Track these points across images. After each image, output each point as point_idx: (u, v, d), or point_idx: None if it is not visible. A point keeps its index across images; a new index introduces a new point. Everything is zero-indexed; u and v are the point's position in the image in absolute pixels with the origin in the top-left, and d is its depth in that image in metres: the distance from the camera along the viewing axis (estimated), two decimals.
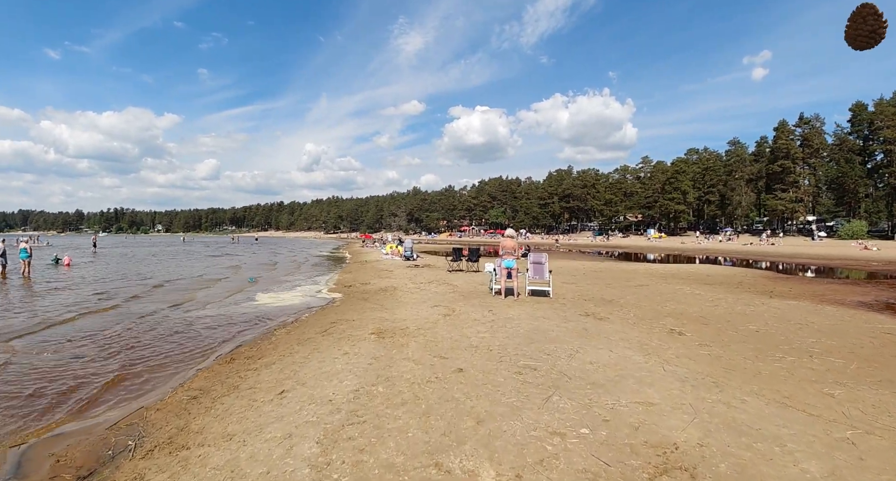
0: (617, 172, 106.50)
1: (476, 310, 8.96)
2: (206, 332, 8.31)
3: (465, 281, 14.27)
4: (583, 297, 11.00)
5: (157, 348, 7.24)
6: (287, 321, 9.02)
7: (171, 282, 16.68)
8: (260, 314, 10.07)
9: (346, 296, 12.19)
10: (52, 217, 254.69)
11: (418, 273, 17.15)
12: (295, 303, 11.36)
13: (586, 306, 9.65)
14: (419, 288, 12.53)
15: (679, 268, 21.81)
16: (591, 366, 5.22)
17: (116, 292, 13.59)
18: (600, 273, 18.13)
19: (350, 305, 10.35)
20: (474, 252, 17.68)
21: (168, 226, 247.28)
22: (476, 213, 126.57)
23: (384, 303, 10.10)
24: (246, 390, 4.92)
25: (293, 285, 15.58)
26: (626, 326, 7.65)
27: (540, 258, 11.63)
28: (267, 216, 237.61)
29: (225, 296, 12.87)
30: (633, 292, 12.26)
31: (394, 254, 27.34)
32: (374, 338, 6.69)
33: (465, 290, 12.00)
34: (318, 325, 8.13)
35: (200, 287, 15.22)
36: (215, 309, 10.72)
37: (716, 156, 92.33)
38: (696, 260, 33.02)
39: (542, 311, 8.81)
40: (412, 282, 14.04)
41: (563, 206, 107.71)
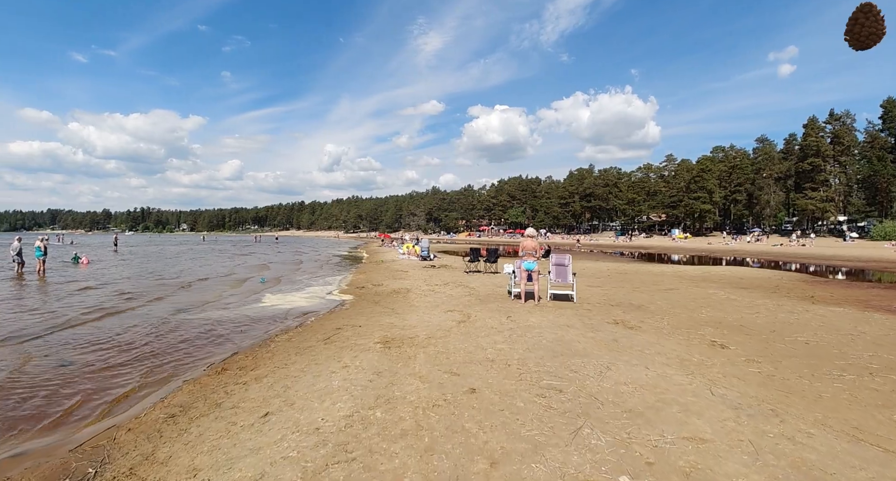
0: (640, 171, 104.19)
1: (493, 315, 8.25)
2: (204, 337, 7.79)
3: (482, 283, 13.56)
4: (609, 302, 10.18)
5: (146, 355, 6.73)
6: (290, 326, 8.45)
7: (182, 281, 16.39)
8: (264, 317, 9.53)
9: (357, 298, 11.60)
10: (80, 216, 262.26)
11: (434, 274, 16.50)
12: (303, 306, 10.81)
13: (614, 312, 8.85)
14: (433, 290, 11.87)
15: (709, 270, 20.67)
16: (625, 388, 4.46)
17: (124, 292, 13.28)
18: (626, 275, 17.20)
19: (359, 309, 9.74)
20: (492, 252, 16.95)
21: (193, 225, 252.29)
22: (495, 213, 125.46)
23: (395, 307, 9.46)
24: (228, 409, 4.31)
25: (305, 285, 15.09)
26: (660, 337, 6.85)
27: (563, 260, 10.85)
28: (288, 216, 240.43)
29: (231, 297, 12.41)
30: (663, 297, 11.38)
31: (410, 254, 26.75)
32: (379, 347, 6.04)
33: (482, 293, 11.29)
34: (321, 331, 7.53)
35: (208, 286, 14.84)
36: (219, 311, 10.24)
37: (743, 154, 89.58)
38: (724, 261, 31.63)
39: (566, 318, 8.05)
40: (427, 283, 13.39)
41: (585, 206, 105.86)
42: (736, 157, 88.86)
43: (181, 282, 16.10)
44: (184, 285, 15.05)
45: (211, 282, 16.41)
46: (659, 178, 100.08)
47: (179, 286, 14.85)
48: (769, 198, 79.35)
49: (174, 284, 15.30)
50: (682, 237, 76.26)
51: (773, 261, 32.53)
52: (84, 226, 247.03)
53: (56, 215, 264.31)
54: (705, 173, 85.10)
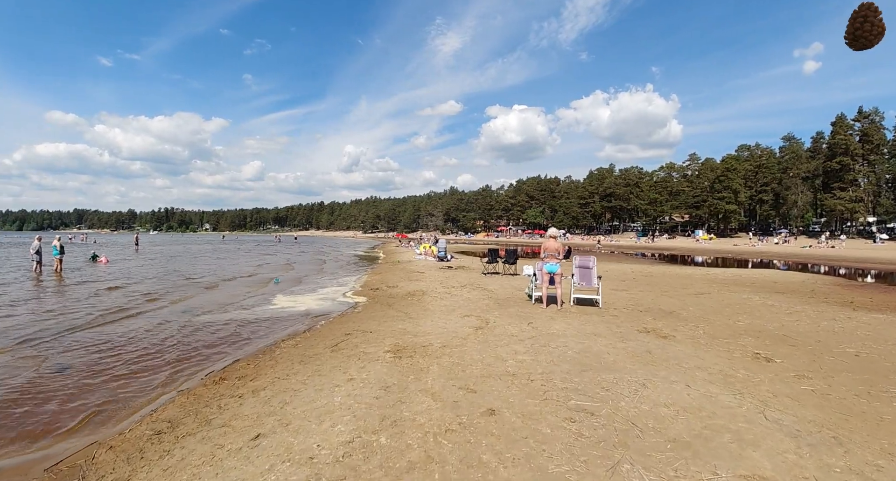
0: (662, 170, 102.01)
1: (513, 322, 7.70)
2: (206, 341, 7.42)
3: (501, 285, 13.00)
4: (637, 308, 9.53)
5: (145, 360, 6.37)
6: (298, 330, 8.03)
7: (198, 281, 16.22)
8: (273, 320, 9.16)
9: (370, 300, 11.16)
10: (105, 216, 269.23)
11: (451, 275, 15.99)
12: (314, 308, 10.42)
13: (644, 319, 8.22)
14: (450, 293, 11.36)
15: (739, 273, 19.72)
16: (666, 411, 3.89)
17: (138, 292, 13.11)
18: (652, 278, 16.43)
19: (371, 312, 9.29)
20: (511, 253, 16.37)
21: (215, 225, 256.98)
22: (514, 213, 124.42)
23: (409, 311, 8.98)
24: (217, 428, 3.87)
25: (319, 286, 14.74)
26: (698, 348, 6.22)
27: (587, 262, 10.23)
28: (308, 216, 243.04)
29: (241, 297, 12.10)
30: (694, 302, 10.67)
31: (427, 255, 26.31)
32: (389, 357, 5.55)
33: (501, 296, 10.74)
34: (329, 337, 7.09)
35: (224, 287, 14.60)
36: (227, 313, 9.91)
37: (769, 153, 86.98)
38: (752, 264, 30.41)
39: (593, 326, 7.45)
40: (443, 285, 12.89)
41: (605, 206, 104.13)
42: (762, 156, 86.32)
43: (197, 282, 15.92)
44: (200, 285, 14.84)
45: (228, 281, 16.19)
46: (682, 178, 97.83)
47: (195, 286, 14.64)
48: (796, 199, 76.78)
49: (190, 284, 15.12)
50: (707, 238, 74.22)
51: (803, 263, 31.23)
52: (109, 225, 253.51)
53: (82, 215, 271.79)
54: (730, 172, 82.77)
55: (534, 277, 10.01)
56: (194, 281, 16.19)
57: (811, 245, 52.29)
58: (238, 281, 16.53)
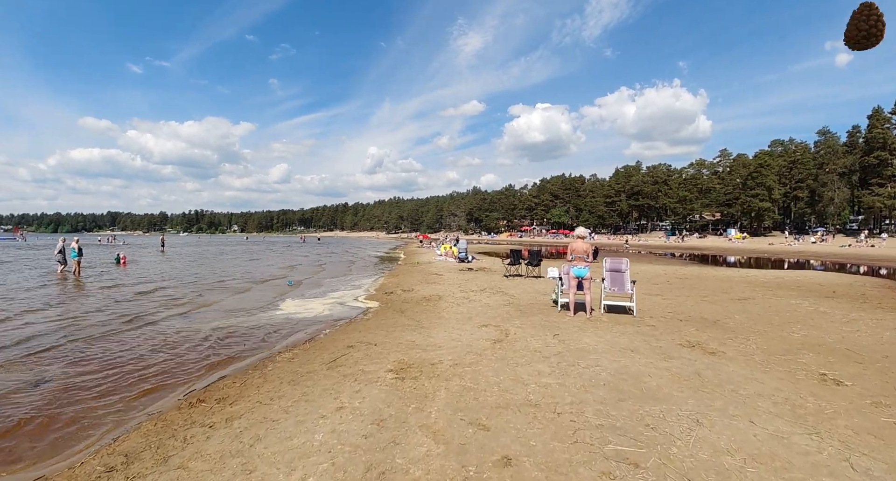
0: (692, 167, 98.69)
1: (537, 333, 6.86)
2: (197, 353, 6.82)
3: (523, 289, 12.13)
4: (676, 316, 8.55)
5: (127, 375, 5.78)
6: (299, 341, 7.35)
7: (210, 283, 15.84)
8: (275, 328, 8.53)
9: (383, 305, 10.45)
10: (138, 218, 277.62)
11: (471, 278, 15.19)
12: (322, 314, 9.77)
13: (686, 331, 7.26)
14: (468, 298, 10.56)
15: (780, 274, 18.31)
16: (731, 461, 3.02)
17: (145, 294, 12.75)
18: (688, 280, 15.29)
19: (381, 320, 8.57)
20: (535, 254, 15.46)
21: (243, 226, 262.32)
22: (537, 213, 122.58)
23: (422, 319, 8.22)
24: (173, 470, 3.18)
25: (331, 289, 14.13)
26: (753, 368, 5.28)
27: (619, 264, 9.29)
28: (333, 217, 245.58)
29: (249, 302, 11.55)
30: (739, 309, 9.62)
31: (447, 256, 25.55)
32: (390, 378, 4.80)
33: (524, 302, 9.89)
34: (330, 350, 6.38)
35: (227, 290, 14.14)
36: (230, 319, 9.34)
37: (803, 148, 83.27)
38: (790, 264, 28.62)
39: (628, 339, 6.56)
40: (461, 289, 12.10)
41: (632, 205, 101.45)
42: (796, 151, 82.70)
43: (209, 285, 15.54)
44: (211, 289, 14.43)
45: (240, 284, 15.77)
46: (712, 175, 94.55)
47: (206, 290, 14.25)
48: (833, 195, 73.10)
49: (202, 288, 14.74)
50: (740, 237, 71.33)
51: (842, 263, 29.41)
52: (142, 227, 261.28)
53: (115, 217, 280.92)
54: (764, 168, 79.48)
55: (559, 282, 9.12)
56: (206, 284, 15.82)
57: (850, 244, 49.58)
58: (251, 284, 16.09)
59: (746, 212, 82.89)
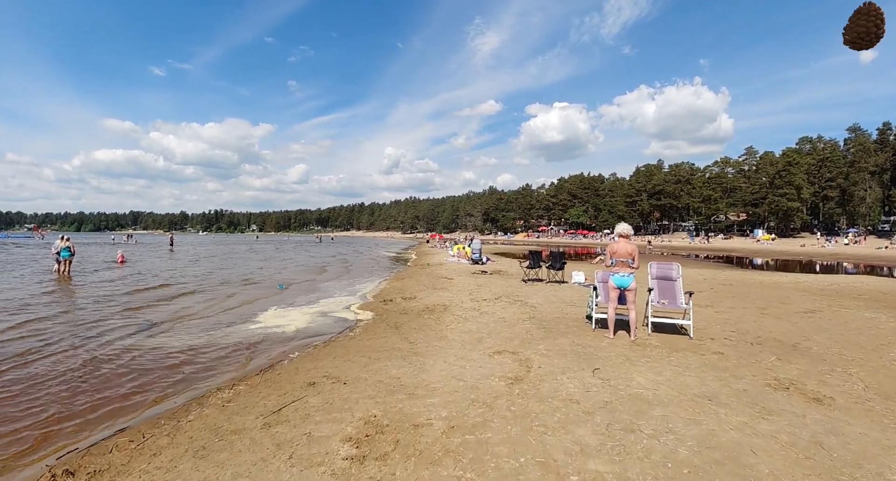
0: (716, 165, 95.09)
1: (570, 365, 5.02)
2: (115, 388, 5.14)
3: (545, 297, 10.26)
4: (743, 337, 6.63)
5: (10, 418, 4.12)
6: (251, 372, 5.60)
7: (197, 283, 14.30)
8: (236, 348, 6.83)
9: (376, 318, 8.68)
10: (159, 217, 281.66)
11: (484, 283, 13.35)
12: (301, 328, 8.04)
13: (765, 360, 5.38)
14: (479, 309, 8.72)
15: (834, 280, 16.05)
16: None
17: (114, 298, 11.23)
18: (733, 287, 13.23)
19: (367, 339, 6.78)
20: (557, 257, 13.53)
21: (261, 226, 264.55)
22: (555, 213, 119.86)
23: (418, 340, 6.42)
24: None
25: (324, 295, 12.43)
26: (884, 427, 3.40)
27: (669, 270, 7.39)
28: (349, 216, 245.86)
29: (224, 311, 9.89)
30: (811, 325, 7.68)
31: (460, 257, 23.71)
32: (343, 457, 3.02)
33: (548, 316, 8.03)
34: (282, 389, 4.62)
35: (207, 294, 12.56)
36: (188, 334, 7.68)
37: (833, 146, 79.47)
38: (828, 268, 26.09)
39: (696, 375, 4.69)
40: (472, 297, 10.27)
41: (654, 204, 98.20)
42: (825, 149, 78.94)
43: (196, 285, 14.01)
44: (193, 292, 12.89)
45: (229, 288, 14.20)
46: (738, 173, 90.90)
47: (187, 291, 12.71)
48: (864, 195, 69.24)
49: (185, 288, 13.21)
50: (768, 238, 67.98)
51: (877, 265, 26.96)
52: (163, 226, 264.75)
53: (137, 217, 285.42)
54: (792, 167, 75.96)
55: (594, 294, 7.24)
56: (191, 285, 14.29)
57: (886, 246, 46.46)
58: (239, 288, 14.50)
59: (774, 212, 79.34)
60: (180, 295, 12.60)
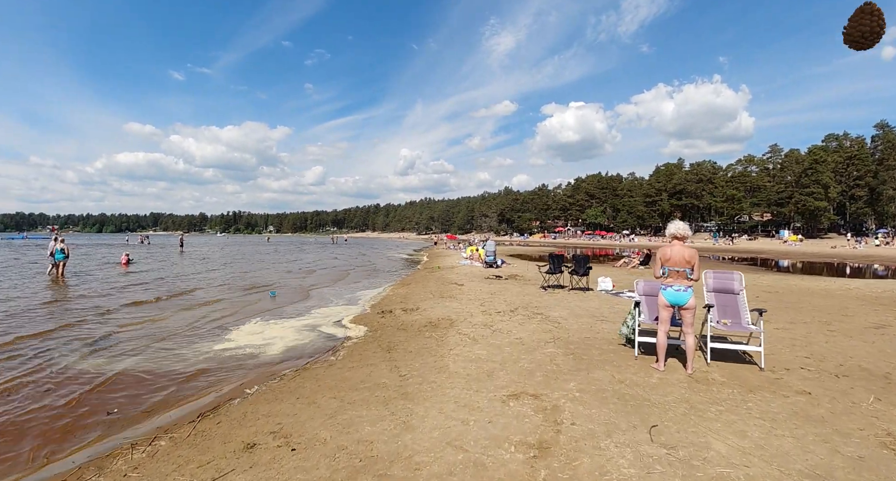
0: (740, 164, 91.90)
1: (614, 419, 3.57)
2: (35, 426, 3.86)
3: (569, 309, 8.77)
4: (821, 365, 5.14)
5: None
6: (184, 417, 4.25)
7: (189, 288, 13.14)
8: (188, 377, 5.52)
9: (369, 335, 7.29)
10: (179, 219, 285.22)
11: (498, 290, 11.90)
12: (278, 349, 6.69)
13: (864, 403, 3.97)
14: (491, 326, 7.28)
15: (884, 286, 14.17)
16: None
17: (91, 300, 10.08)
18: (781, 295, 11.56)
19: (346, 371, 5.37)
20: (581, 261, 11.99)
21: (278, 227, 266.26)
22: (572, 213, 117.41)
23: (409, 374, 5.01)
24: None
25: (319, 303, 11.11)
26: None
27: (729, 281, 5.90)
28: (364, 218, 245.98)
29: (195, 324, 8.59)
30: (892, 346, 6.13)
31: (473, 259, 22.26)
32: None
33: (575, 335, 6.57)
34: (204, 458, 3.25)
35: (192, 300, 11.35)
36: (145, 354, 6.40)
37: (860, 143, 76.17)
38: (871, 270, 23.96)
39: (789, 434, 3.26)
40: (483, 309, 8.82)
41: (674, 204, 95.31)
42: (852, 147, 75.67)
43: (186, 288, 12.84)
44: (182, 294, 11.72)
45: (220, 294, 13.02)
46: (762, 172, 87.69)
47: (173, 297, 11.54)
48: (894, 194, 65.93)
49: (174, 292, 12.05)
50: (796, 239, 65.12)
51: None
52: (182, 227, 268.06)
53: (158, 218, 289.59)
54: (819, 165, 72.86)
55: (635, 311, 5.74)
56: (182, 288, 13.14)
57: None
58: (230, 294, 13.30)
59: (801, 212, 76.19)
60: (158, 299, 11.45)
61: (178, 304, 10.90)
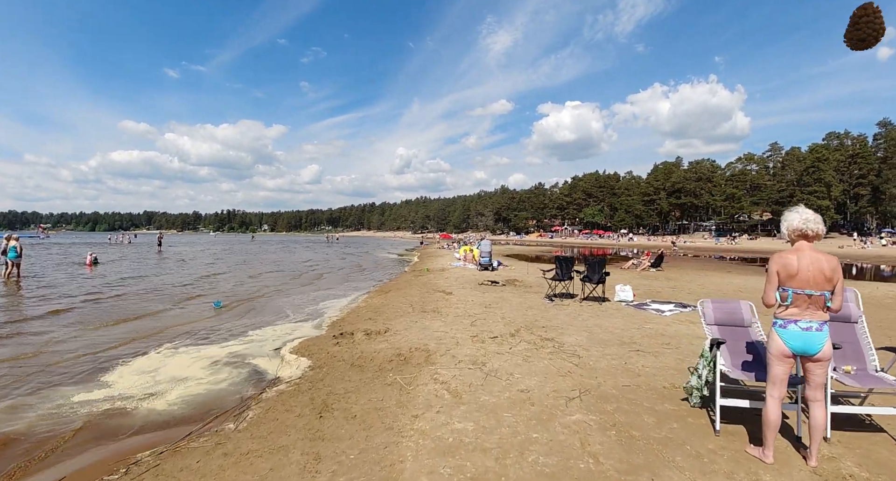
0: (740, 162, 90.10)
1: None
2: None
3: (587, 331, 6.61)
4: None
5: None
6: None
7: (127, 299, 10.95)
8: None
9: (308, 374, 5.08)
10: (172, 217, 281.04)
11: (495, 300, 9.75)
12: (158, 405, 4.46)
13: None
14: (484, 364, 5.07)
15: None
16: None
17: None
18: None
19: (239, 459, 3.18)
20: (596, 266, 9.80)
21: (273, 225, 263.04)
22: (569, 212, 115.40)
23: (336, 476, 2.87)
24: None
25: (268, 320, 8.84)
26: None
27: (846, 303, 3.77)
28: (360, 216, 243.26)
29: (92, 354, 6.37)
30: None
31: (467, 261, 20.06)
32: None
33: (606, 382, 4.39)
34: None
35: (121, 314, 9.15)
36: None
37: (862, 141, 74.84)
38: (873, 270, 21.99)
39: None
40: (475, 331, 6.65)
41: (673, 203, 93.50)
42: (854, 145, 74.37)
43: (123, 299, 10.65)
44: (115, 306, 9.54)
45: (155, 305, 10.83)
46: (762, 170, 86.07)
47: (102, 311, 9.37)
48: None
49: (109, 304, 9.87)
50: None
51: None
52: (176, 226, 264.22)
53: (151, 217, 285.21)
54: (821, 163, 71.38)
55: (710, 349, 3.58)
56: (124, 297, 10.94)
57: None
58: (170, 305, 11.11)
59: None
60: (71, 309, 9.30)
61: (95, 318, 8.71)
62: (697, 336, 6.42)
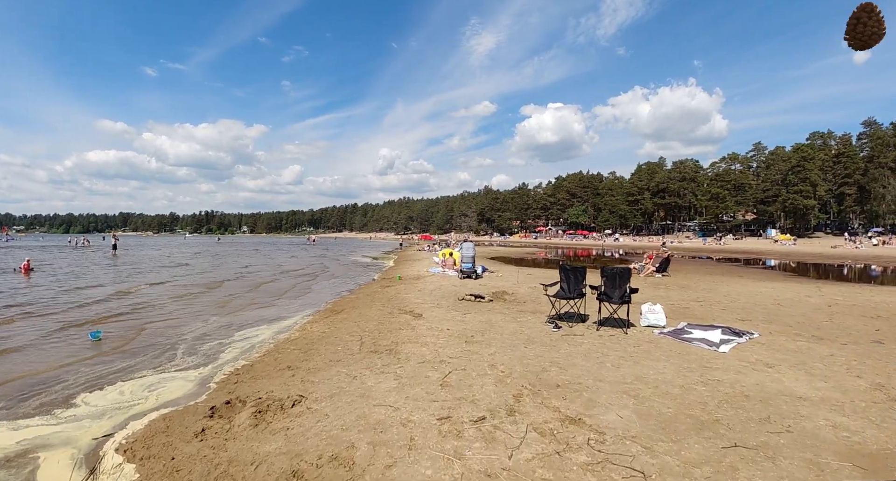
0: (723, 162, 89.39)
1: None
2: None
3: (632, 395, 4.02)
4: None
5: None
6: None
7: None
8: None
9: None
10: (149, 219, 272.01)
11: (479, 328, 7.13)
12: None
13: None
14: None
15: None
16: None
17: None
18: (870, 319, 7.07)
19: None
20: (615, 279, 7.12)
21: (252, 227, 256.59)
22: (553, 213, 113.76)
23: None
24: None
25: (142, 365, 6.06)
26: None
27: None
28: (342, 217, 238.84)
29: None
30: None
31: (446, 267, 17.40)
32: None
33: None
34: None
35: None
36: None
37: (846, 140, 74.87)
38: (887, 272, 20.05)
39: None
40: (447, 399, 4.01)
41: (657, 203, 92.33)
42: (839, 144, 74.26)
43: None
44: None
45: (36, 330, 7.97)
46: (746, 169, 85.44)
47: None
48: (885, 192, 64.06)
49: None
50: (788, 239, 62.36)
51: None
52: (153, 228, 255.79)
53: (127, 218, 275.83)
54: (807, 162, 70.81)
55: None
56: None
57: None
58: (46, 330, 8.25)
59: (788, 210, 73.83)
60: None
61: None
62: (795, 394, 3.93)
